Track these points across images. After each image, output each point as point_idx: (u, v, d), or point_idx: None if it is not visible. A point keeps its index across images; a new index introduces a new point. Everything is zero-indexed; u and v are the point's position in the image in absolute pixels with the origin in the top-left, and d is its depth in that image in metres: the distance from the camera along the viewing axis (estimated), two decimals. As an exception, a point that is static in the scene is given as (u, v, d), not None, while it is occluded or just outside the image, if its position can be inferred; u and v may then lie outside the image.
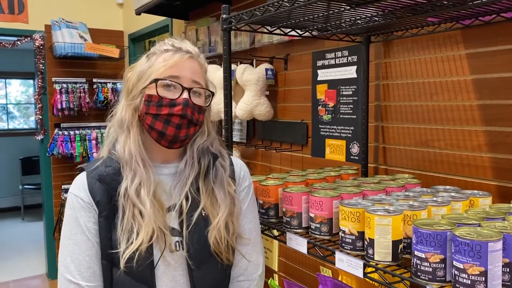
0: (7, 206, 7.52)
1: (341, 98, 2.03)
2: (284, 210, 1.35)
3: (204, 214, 1.16)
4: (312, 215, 1.26)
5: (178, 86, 1.13)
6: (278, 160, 2.48)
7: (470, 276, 0.86)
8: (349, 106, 1.99)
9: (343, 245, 1.14)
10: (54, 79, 4.21)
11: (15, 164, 7.39)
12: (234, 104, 2.39)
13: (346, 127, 2.01)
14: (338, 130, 2.06)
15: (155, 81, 1.13)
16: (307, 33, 1.72)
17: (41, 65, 4.24)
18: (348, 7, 1.29)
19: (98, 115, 4.42)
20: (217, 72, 2.35)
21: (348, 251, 1.13)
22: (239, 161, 1.33)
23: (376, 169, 1.87)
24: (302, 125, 2.27)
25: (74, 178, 1.18)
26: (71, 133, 4.26)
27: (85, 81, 4.32)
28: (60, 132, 4.22)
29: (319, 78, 2.15)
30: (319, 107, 2.15)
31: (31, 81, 7.70)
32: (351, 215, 1.12)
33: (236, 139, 2.74)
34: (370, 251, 1.06)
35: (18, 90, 8.06)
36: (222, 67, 1.55)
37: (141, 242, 1.06)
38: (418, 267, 0.96)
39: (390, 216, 1.03)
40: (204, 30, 2.96)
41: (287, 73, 2.37)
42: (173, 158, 1.22)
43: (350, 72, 1.97)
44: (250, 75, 2.34)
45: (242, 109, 2.35)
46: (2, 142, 7.53)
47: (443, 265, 0.93)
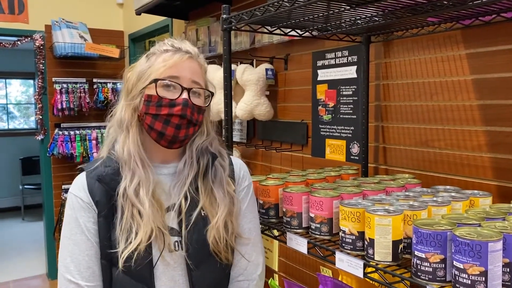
0: (7, 206, 7.53)
1: (341, 98, 2.03)
2: (284, 210, 1.35)
3: (203, 213, 1.16)
4: (312, 215, 1.26)
5: (178, 86, 1.13)
6: (278, 160, 2.48)
7: (470, 276, 0.86)
8: (349, 106, 1.99)
9: (343, 245, 1.14)
10: (54, 79, 4.21)
11: (15, 164, 7.40)
12: (234, 104, 2.39)
13: (346, 127, 2.01)
14: (338, 130, 2.05)
15: (155, 81, 1.13)
16: (307, 33, 1.72)
17: (41, 65, 4.24)
18: (348, 7, 1.29)
19: (98, 115, 4.42)
20: (217, 72, 2.35)
21: (348, 251, 1.13)
22: (239, 160, 1.33)
23: (376, 169, 1.87)
24: (302, 125, 2.27)
25: (74, 178, 1.18)
26: (71, 133, 4.26)
27: (85, 81, 4.33)
28: (60, 132, 4.22)
29: (319, 78, 2.15)
30: (319, 107, 2.15)
31: (31, 81, 7.70)
32: (351, 215, 1.12)
33: (236, 139, 2.74)
34: (370, 251, 1.06)
35: (18, 90, 8.07)
36: (222, 67, 1.55)
37: (139, 241, 1.06)
38: (418, 267, 0.96)
39: (390, 216, 1.03)
40: (204, 30, 2.96)
41: (287, 73, 2.37)
42: (172, 158, 1.22)
43: (350, 72, 1.97)
44: (250, 75, 2.33)
45: (242, 109, 2.35)
46: (2, 142, 7.53)
47: (443, 265, 0.93)
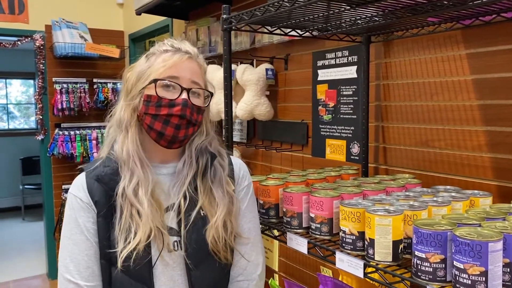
0: (8, 206, 7.54)
1: (341, 98, 2.03)
2: (284, 210, 1.35)
3: (202, 213, 1.16)
4: (312, 215, 1.26)
5: (177, 87, 1.13)
6: (278, 160, 2.48)
7: (470, 276, 0.86)
8: (349, 106, 1.99)
9: (344, 245, 1.14)
10: (54, 79, 4.21)
11: (16, 164, 7.40)
12: (235, 104, 2.39)
13: (346, 127, 2.01)
14: (338, 130, 2.05)
15: (154, 81, 1.13)
16: (307, 33, 1.72)
17: (41, 65, 4.24)
18: (348, 7, 1.29)
19: (99, 115, 4.42)
20: (217, 72, 2.35)
21: (348, 251, 1.13)
22: (239, 160, 1.33)
23: (376, 169, 1.87)
24: (303, 125, 2.27)
25: (74, 178, 1.18)
26: (72, 133, 4.26)
27: (85, 81, 4.33)
28: (60, 132, 4.23)
29: (320, 78, 2.15)
30: (320, 107, 2.15)
31: (32, 81, 7.70)
32: (352, 215, 1.12)
33: (236, 139, 2.74)
34: (370, 251, 1.06)
35: (19, 90, 8.07)
36: (222, 67, 1.55)
37: (138, 241, 1.06)
38: (419, 267, 0.96)
39: (391, 216, 1.03)
40: (204, 30, 2.95)
41: (288, 73, 2.37)
42: (171, 158, 1.22)
43: (351, 72, 1.97)
44: (250, 75, 2.33)
45: (242, 109, 2.35)
46: (3, 142, 7.54)
47: (444, 265, 0.93)
